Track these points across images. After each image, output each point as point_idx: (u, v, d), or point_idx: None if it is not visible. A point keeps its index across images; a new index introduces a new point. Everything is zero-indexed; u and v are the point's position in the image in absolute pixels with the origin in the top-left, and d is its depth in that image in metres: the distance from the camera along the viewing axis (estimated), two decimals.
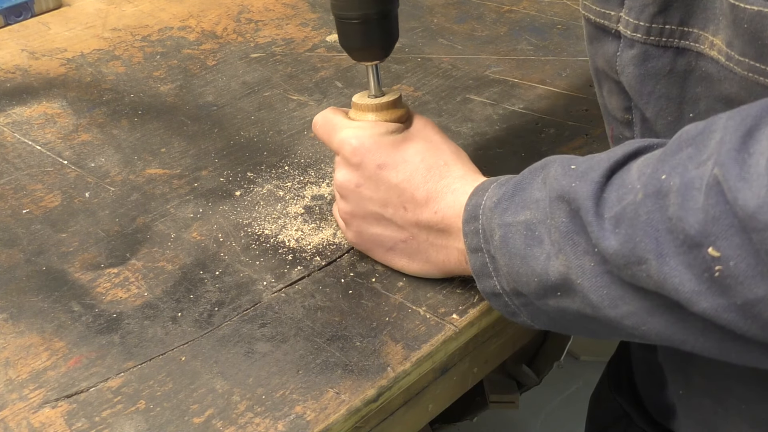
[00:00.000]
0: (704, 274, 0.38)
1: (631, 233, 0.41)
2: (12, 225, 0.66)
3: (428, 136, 0.60)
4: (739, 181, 0.36)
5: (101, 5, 1.02)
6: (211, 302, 0.59)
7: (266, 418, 0.51)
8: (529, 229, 0.48)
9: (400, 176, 0.57)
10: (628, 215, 0.41)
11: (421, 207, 0.57)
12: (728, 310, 0.38)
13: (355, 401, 0.53)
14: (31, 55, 0.91)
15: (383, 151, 0.58)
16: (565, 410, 1.58)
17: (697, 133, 0.40)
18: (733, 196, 0.36)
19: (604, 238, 0.42)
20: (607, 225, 0.43)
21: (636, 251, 0.41)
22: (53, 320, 0.58)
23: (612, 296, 0.44)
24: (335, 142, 0.60)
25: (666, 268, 0.39)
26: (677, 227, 0.39)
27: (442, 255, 0.58)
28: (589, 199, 0.44)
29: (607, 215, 0.43)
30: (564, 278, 0.46)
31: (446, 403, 0.66)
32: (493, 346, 0.66)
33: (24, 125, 0.79)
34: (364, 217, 0.60)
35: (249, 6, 1.03)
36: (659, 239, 0.40)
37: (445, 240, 0.57)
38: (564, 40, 0.96)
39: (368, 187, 0.58)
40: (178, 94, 0.84)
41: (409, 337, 0.57)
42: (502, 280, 0.51)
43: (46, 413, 0.51)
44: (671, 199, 0.39)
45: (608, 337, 0.50)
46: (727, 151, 0.37)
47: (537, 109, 0.83)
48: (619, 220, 0.42)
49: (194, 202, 0.69)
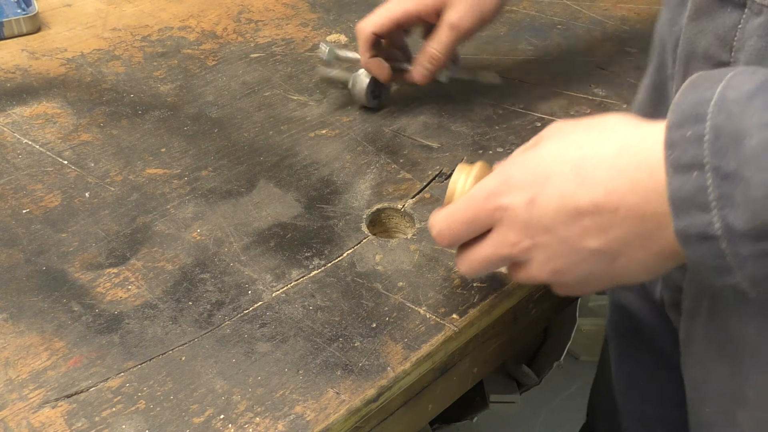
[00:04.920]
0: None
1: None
2: (12, 225, 0.66)
3: (549, 134, 0.48)
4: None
5: (101, 5, 1.02)
6: (211, 302, 0.59)
7: (266, 418, 0.51)
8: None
9: (551, 198, 0.44)
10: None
11: (591, 211, 0.43)
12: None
13: (355, 401, 0.53)
14: (31, 55, 0.91)
15: (513, 187, 0.46)
16: (565, 410, 1.58)
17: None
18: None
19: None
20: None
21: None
22: (53, 320, 0.58)
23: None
24: (479, 220, 0.49)
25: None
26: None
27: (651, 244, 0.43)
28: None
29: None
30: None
31: (446, 403, 0.66)
32: (493, 346, 0.66)
33: (24, 125, 0.79)
34: (559, 271, 0.47)
35: (249, 6, 1.03)
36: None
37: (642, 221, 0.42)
38: (564, 40, 0.96)
39: (536, 238, 0.46)
40: (178, 94, 0.84)
41: (409, 337, 0.57)
42: (736, 212, 0.36)
43: (46, 413, 0.51)
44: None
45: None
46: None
47: (537, 109, 0.83)
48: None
49: (194, 202, 0.69)
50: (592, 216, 0.43)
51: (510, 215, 0.47)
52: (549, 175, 0.45)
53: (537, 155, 0.46)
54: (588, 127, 0.45)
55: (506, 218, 0.47)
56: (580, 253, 0.45)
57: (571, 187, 0.43)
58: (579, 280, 0.47)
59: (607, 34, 0.98)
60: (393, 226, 0.70)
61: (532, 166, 0.46)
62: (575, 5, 1.04)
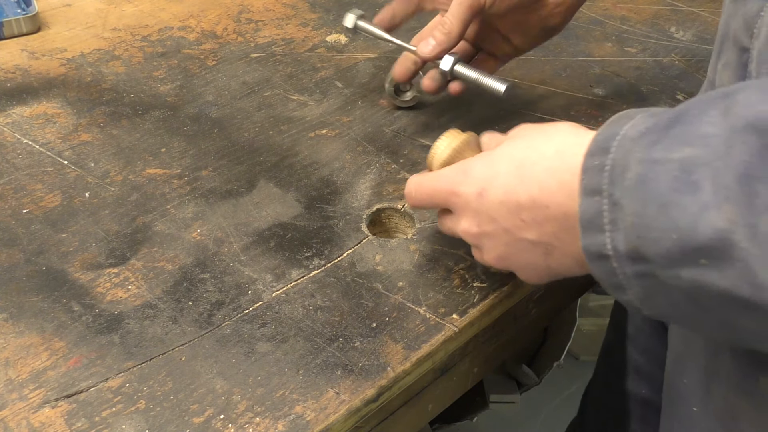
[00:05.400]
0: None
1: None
2: (12, 225, 0.66)
3: (513, 134, 0.53)
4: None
5: (101, 5, 1.02)
6: (211, 302, 0.59)
7: (266, 418, 0.51)
8: (685, 170, 0.37)
9: (498, 192, 0.50)
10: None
11: (529, 206, 0.48)
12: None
13: (355, 401, 0.53)
14: (31, 55, 0.91)
15: (470, 178, 0.52)
16: (565, 410, 1.58)
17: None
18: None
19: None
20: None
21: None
22: (53, 320, 0.58)
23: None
24: (436, 198, 0.55)
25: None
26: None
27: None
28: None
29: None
30: (721, 238, 0.35)
31: (446, 403, 0.66)
32: (493, 346, 0.66)
33: (24, 125, 0.79)
34: (504, 258, 0.53)
35: (249, 6, 1.03)
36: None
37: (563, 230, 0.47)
38: (564, 40, 0.96)
39: (483, 226, 0.52)
40: (178, 94, 0.84)
41: (409, 337, 0.57)
42: (619, 236, 0.40)
43: (46, 413, 0.51)
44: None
45: (749, 340, 0.39)
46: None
47: (537, 109, 0.83)
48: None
49: (194, 202, 0.69)
50: (529, 210, 0.48)
51: (462, 202, 0.53)
52: (499, 171, 0.50)
53: (495, 153, 0.52)
54: (541, 132, 0.50)
55: (459, 204, 0.53)
56: (521, 243, 0.50)
57: (513, 183, 0.49)
58: (522, 268, 0.53)
59: (607, 34, 0.98)
60: (393, 226, 0.70)
61: (488, 162, 0.52)
62: None
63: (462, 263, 0.63)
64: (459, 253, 0.64)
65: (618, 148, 0.41)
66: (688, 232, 0.36)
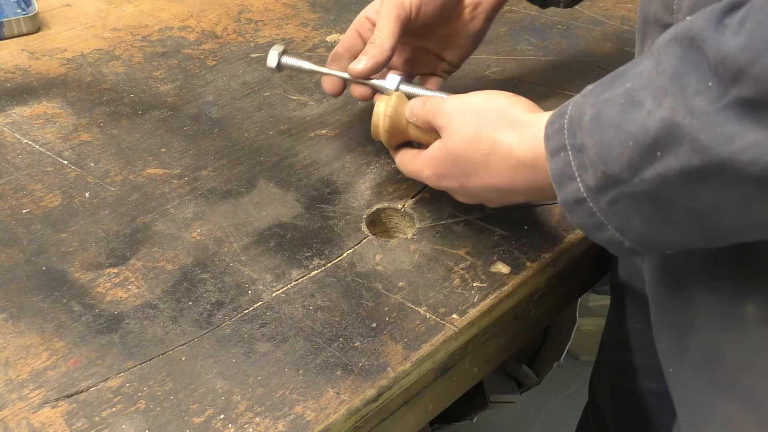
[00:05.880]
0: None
1: (761, 19, 0.38)
2: (12, 225, 0.66)
3: (455, 122, 0.59)
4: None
5: (101, 5, 1.02)
6: (211, 302, 0.59)
7: (266, 418, 0.51)
8: (629, 95, 0.44)
9: (477, 185, 0.58)
10: (758, 6, 0.38)
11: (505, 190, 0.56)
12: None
13: (355, 401, 0.53)
14: (31, 55, 0.91)
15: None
16: (565, 410, 1.58)
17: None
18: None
19: (724, 41, 0.39)
20: (728, 31, 0.39)
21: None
22: (53, 320, 0.58)
23: (727, 133, 0.39)
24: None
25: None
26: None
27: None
28: (709, 21, 0.40)
29: (729, 21, 0.39)
30: (667, 125, 0.41)
31: (446, 403, 0.66)
32: (493, 346, 0.66)
33: (24, 125, 0.79)
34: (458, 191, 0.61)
35: (249, 6, 1.03)
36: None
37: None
38: (564, 40, 0.96)
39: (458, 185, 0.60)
40: (178, 94, 0.84)
41: (409, 337, 0.57)
42: (588, 173, 0.47)
43: (46, 413, 0.51)
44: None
45: (718, 226, 0.44)
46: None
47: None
48: (745, 17, 0.39)
49: (194, 202, 0.69)
50: (501, 192, 0.57)
51: (445, 188, 0.61)
52: (469, 171, 0.57)
53: (455, 151, 0.58)
54: (496, 121, 0.56)
55: (443, 188, 0.62)
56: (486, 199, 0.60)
57: (487, 178, 0.56)
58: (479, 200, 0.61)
59: (607, 34, 0.98)
60: (393, 226, 0.70)
61: (454, 159, 0.58)
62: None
63: (462, 263, 0.63)
64: (459, 253, 0.64)
65: (572, 107, 0.48)
66: (641, 134, 0.43)
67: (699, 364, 0.57)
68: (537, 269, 0.64)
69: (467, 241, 0.65)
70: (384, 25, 0.68)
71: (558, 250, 0.65)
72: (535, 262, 0.64)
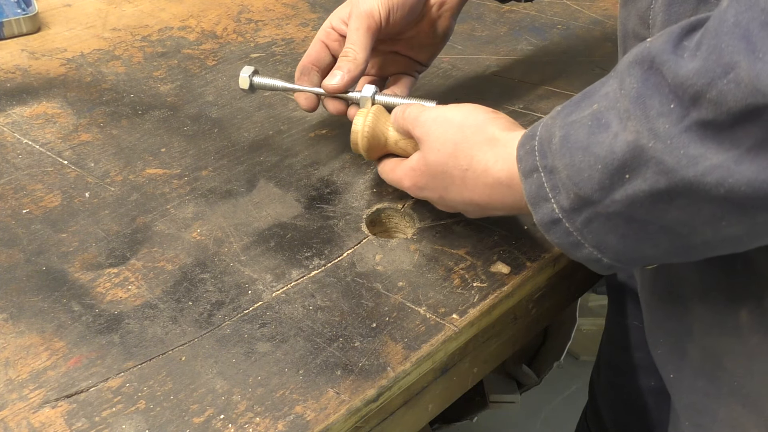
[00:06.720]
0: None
1: (716, 43, 0.38)
2: (12, 225, 0.66)
3: (432, 138, 0.60)
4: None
5: (101, 5, 1.02)
6: (211, 302, 0.59)
7: (266, 418, 0.51)
8: (596, 118, 0.45)
9: (456, 198, 0.59)
10: (712, 28, 0.39)
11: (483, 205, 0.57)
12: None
13: (355, 401, 0.53)
14: (31, 55, 0.91)
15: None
16: (565, 410, 1.58)
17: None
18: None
19: (682, 65, 0.40)
20: (686, 54, 0.40)
21: (722, 59, 0.38)
22: (53, 320, 0.58)
23: (691, 155, 0.40)
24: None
25: (760, 64, 0.37)
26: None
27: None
28: (667, 43, 0.41)
29: (688, 44, 0.41)
30: (633, 148, 0.42)
31: (446, 403, 0.66)
32: (493, 346, 0.66)
33: (24, 125, 0.79)
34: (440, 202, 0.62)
35: (249, 6, 1.03)
36: (750, 36, 0.37)
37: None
38: (564, 40, 0.96)
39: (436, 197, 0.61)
40: (178, 94, 0.84)
41: (409, 337, 0.57)
42: (561, 194, 0.48)
43: (46, 413, 0.51)
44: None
45: (683, 229, 0.45)
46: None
47: (537, 109, 0.83)
48: (701, 40, 0.40)
49: (194, 202, 0.69)
50: (480, 206, 0.58)
51: (425, 198, 0.63)
52: (448, 185, 0.58)
53: (434, 165, 0.58)
54: (473, 138, 0.56)
55: (424, 198, 0.63)
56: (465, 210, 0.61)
57: (465, 193, 0.57)
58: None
59: (607, 34, 0.98)
60: (393, 226, 0.70)
61: (433, 173, 0.59)
62: (575, 5, 1.04)
63: (462, 263, 0.63)
64: (459, 253, 0.64)
65: (542, 128, 0.49)
66: (608, 157, 0.43)
67: (699, 368, 0.57)
68: (537, 269, 0.64)
69: (467, 241, 0.65)
70: (355, 38, 0.68)
71: (558, 250, 0.65)
72: (535, 262, 0.64)
